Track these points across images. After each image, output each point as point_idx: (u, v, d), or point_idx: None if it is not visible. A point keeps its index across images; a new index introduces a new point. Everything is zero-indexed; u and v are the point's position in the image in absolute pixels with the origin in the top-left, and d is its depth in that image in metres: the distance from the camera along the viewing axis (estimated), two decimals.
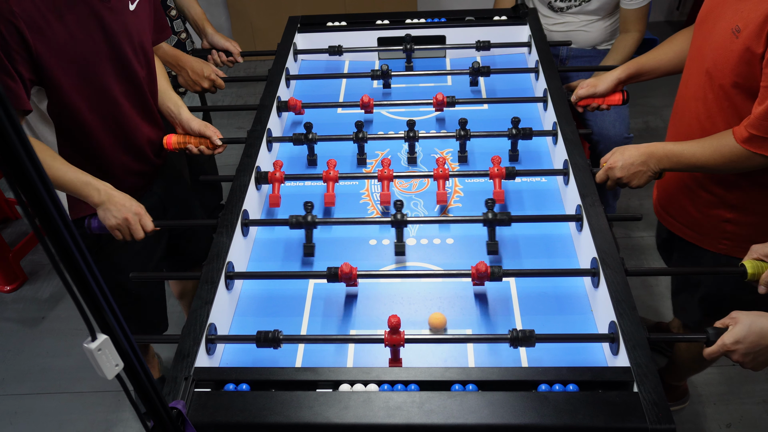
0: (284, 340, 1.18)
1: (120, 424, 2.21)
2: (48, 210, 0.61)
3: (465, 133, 1.65)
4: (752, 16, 1.28)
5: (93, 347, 0.71)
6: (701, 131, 1.49)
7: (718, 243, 1.58)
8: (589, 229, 1.33)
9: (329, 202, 1.52)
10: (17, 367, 2.42)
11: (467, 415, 1.00)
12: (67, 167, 1.45)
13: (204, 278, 1.27)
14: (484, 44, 2.01)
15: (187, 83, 1.99)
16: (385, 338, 1.15)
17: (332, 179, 1.53)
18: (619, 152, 1.47)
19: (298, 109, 1.81)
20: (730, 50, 1.34)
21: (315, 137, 1.67)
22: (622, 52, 2.24)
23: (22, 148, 0.56)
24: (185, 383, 1.07)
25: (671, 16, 4.38)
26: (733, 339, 1.10)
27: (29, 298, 2.72)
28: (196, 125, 1.68)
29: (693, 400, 2.14)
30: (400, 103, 1.88)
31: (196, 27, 2.18)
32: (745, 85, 1.35)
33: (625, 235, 2.80)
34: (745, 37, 1.30)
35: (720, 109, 1.43)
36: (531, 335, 1.14)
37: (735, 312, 1.13)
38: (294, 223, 1.40)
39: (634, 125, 3.40)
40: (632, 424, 0.99)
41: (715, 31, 1.40)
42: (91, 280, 0.68)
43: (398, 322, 1.12)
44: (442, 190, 1.52)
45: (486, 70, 1.89)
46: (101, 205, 1.46)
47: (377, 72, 1.92)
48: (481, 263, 1.25)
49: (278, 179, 1.54)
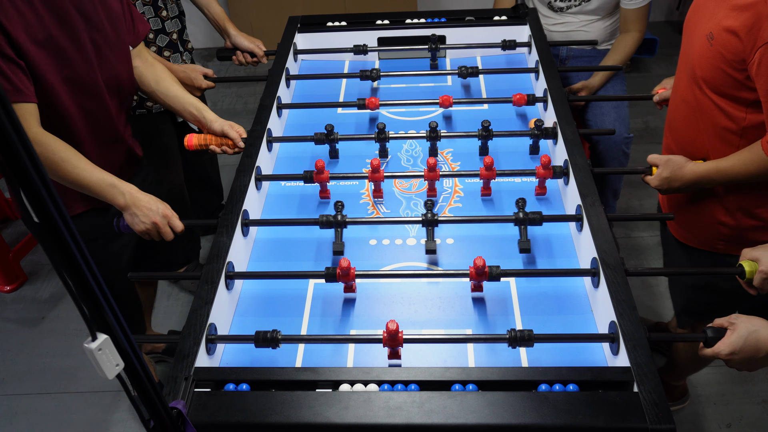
0: (283, 340, 1.18)
1: (120, 424, 2.21)
2: (48, 210, 0.61)
3: (487, 133, 1.66)
4: (724, 24, 1.31)
5: (93, 347, 0.71)
6: (689, 134, 1.53)
7: (716, 244, 1.60)
8: (589, 229, 1.33)
9: (378, 197, 1.58)
10: (17, 367, 2.42)
11: (467, 415, 1.00)
12: (93, 168, 1.43)
13: (204, 278, 1.27)
14: (510, 43, 2.02)
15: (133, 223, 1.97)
16: (384, 339, 1.15)
17: (325, 179, 1.55)
18: (671, 169, 1.49)
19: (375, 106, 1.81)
20: (707, 56, 1.37)
21: (336, 137, 1.68)
22: (622, 52, 2.24)
23: (22, 148, 0.56)
24: (185, 383, 1.07)
25: (671, 16, 4.38)
26: (729, 350, 1.11)
27: (29, 298, 2.72)
28: (219, 126, 1.67)
29: (693, 400, 2.14)
30: (406, 103, 1.89)
31: (217, 27, 2.18)
32: (722, 90, 1.38)
33: (625, 235, 2.80)
34: (718, 44, 1.33)
35: (702, 112, 1.46)
36: (530, 336, 1.14)
37: (735, 316, 1.14)
38: (324, 222, 1.41)
39: (634, 125, 3.40)
40: (632, 424, 0.99)
41: (695, 35, 1.43)
42: (92, 280, 0.68)
43: (396, 328, 1.13)
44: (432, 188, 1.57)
45: (475, 71, 1.89)
46: (127, 209, 1.45)
47: (377, 72, 1.92)
48: (478, 258, 1.25)
49: (324, 179, 1.55)
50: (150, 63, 1.69)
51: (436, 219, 1.39)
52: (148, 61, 1.69)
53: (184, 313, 2.54)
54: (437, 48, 2.02)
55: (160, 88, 1.69)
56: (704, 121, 1.47)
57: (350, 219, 1.43)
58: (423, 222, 1.40)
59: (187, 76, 1.98)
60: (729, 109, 1.39)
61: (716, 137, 1.45)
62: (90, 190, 1.44)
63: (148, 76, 1.68)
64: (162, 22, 2.10)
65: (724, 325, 1.14)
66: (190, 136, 1.69)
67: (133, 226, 1.45)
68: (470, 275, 1.27)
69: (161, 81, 1.68)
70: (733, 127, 1.41)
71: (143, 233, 1.46)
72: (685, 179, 1.48)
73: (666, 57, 3.78)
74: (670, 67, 2.08)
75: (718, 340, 1.13)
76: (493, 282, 1.30)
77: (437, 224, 1.40)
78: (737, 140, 1.42)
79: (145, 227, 1.44)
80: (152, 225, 1.44)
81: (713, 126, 1.44)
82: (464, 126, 1.83)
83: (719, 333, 1.13)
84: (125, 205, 1.44)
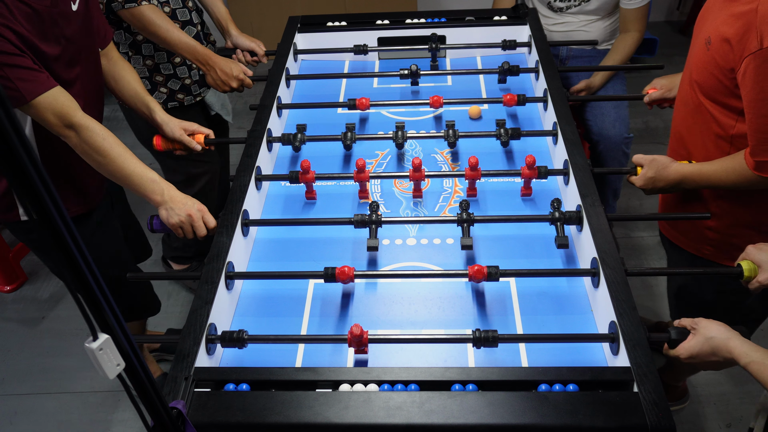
0: (277, 340, 1.19)
1: (120, 424, 2.21)
2: (48, 210, 0.61)
3: (505, 132, 1.66)
4: (720, 31, 1.31)
5: (94, 347, 0.71)
6: (682, 136, 1.54)
7: (702, 248, 1.61)
8: (589, 229, 1.33)
9: (364, 198, 1.59)
10: (17, 367, 2.42)
11: (467, 415, 1.00)
12: (137, 161, 1.46)
13: (204, 278, 1.27)
14: (510, 43, 2.01)
15: (216, 83, 1.98)
16: (349, 340, 1.17)
17: (310, 179, 1.55)
18: (656, 169, 1.49)
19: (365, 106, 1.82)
20: (702, 61, 1.38)
21: (354, 137, 1.69)
22: (622, 51, 2.24)
23: (22, 148, 0.56)
24: (185, 383, 1.07)
25: (671, 16, 4.38)
26: (686, 354, 1.13)
27: (29, 298, 2.72)
28: (170, 132, 1.68)
29: (693, 400, 2.14)
30: (410, 103, 1.89)
31: (220, 27, 2.17)
32: (714, 96, 1.39)
33: (625, 235, 2.80)
34: (713, 50, 1.34)
35: (698, 115, 1.47)
36: (495, 336, 1.15)
37: (698, 319, 1.15)
38: (359, 221, 1.41)
39: (634, 125, 3.40)
40: (632, 424, 0.99)
41: (698, 40, 1.44)
42: (92, 280, 0.68)
43: (360, 331, 1.15)
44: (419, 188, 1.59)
45: (516, 69, 1.89)
46: (163, 204, 1.46)
47: (379, 72, 1.92)
48: (475, 265, 1.25)
49: (310, 179, 1.55)
50: (114, 61, 1.70)
51: (472, 218, 1.40)
52: (113, 60, 1.69)
53: (184, 313, 2.54)
54: (438, 48, 2.02)
55: (118, 86, 1.70)
56: (699, 124, 1.47)
57: (386, 219, 1.43)
58: (458, 221, 1.40)
59: (227, 67, 1.96)
60: (719, 116, 1.40)
61: (710, 142, 1.46)
62: (130, 181, 1.46)
63: (109, 73, 1.69)
64: (189, 13, 2.09)
65: (688, 327, 1.15)
66: (157, 137, 1.71)
67: (168, 219, 1.47)
68: (469, 277, 1.27)
69: (120, 78, 1.70)
70: (723, 134, 1.42)
71: (176, 227, 1.47)
72: (670, 179, 1.48)
73: (666, 57, 3.77)
74: (670, 67, 2.07)
75: (680, 341, 1.14)
76: (492, 281, 1.30)
77: (473, 223, 1.40)
78: (727, 147, 1.42)
79: (179, 219, 1.46)
80: (186, 217, 1.45)
81: (707, 130, 1.45)
82: (464, 126, 1.83)
83: (682, 335, 1.15)
84: (162, 200, 1.46)
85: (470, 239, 1.38)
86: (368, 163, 1.72)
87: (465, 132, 1.70)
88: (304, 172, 1.54)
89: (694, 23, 1.53)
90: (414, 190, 1.59)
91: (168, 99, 2.11)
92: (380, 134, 1.74)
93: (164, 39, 1.87)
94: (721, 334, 1.10)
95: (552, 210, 1.41)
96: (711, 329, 1.11)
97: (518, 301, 1.32)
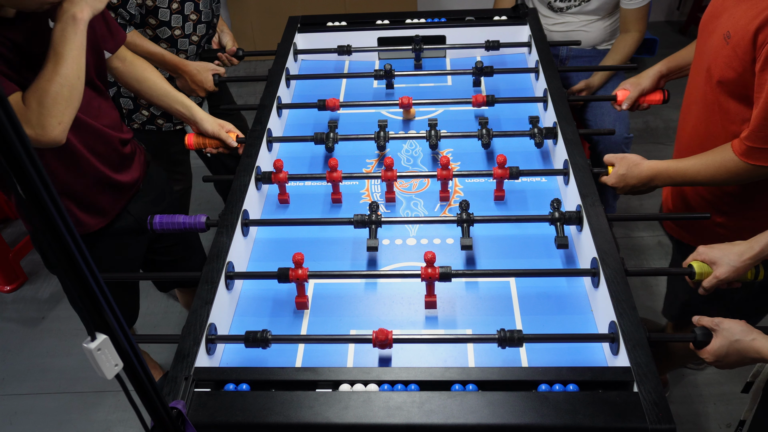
0: (277, 340, 1.19)
1: (120, 424, 2.21)
2: (47, 210, 0.61)
3: (487, 132, 1.66)
4: (741, 23, 1.30)
5: (92, 347, 0.71)
6: (698, 135, 1.51)
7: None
8: (589, 229, 1.33)
9: (336, 200, 1.58)
10: (17, 367, 2.42)
11: (467, 415, 1.00)
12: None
13: (204, 278, 1.27)
14: (493, 44, 2.01)
15: (185, 89, 1.98)
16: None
17: (336, 179, 1.54)
18: (627, 166, 1.49)
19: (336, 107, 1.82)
20: (722, 55, 1.36)
21: (337, 137, 1.68)
22: (622, 52, 2.24)
23: (22, 148, 0.56)
24: (185, 383, 1.07)
25: (671, 16, 4.38)
26: (713, 358, 1.13)
27: (29, 298, 2.72)
28: (210, 127, 1.67)
29: (693, 400, 2.14)
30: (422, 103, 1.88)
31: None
32: (735, 90, 1.37)
33: (625, 235, 2.80)
34: (734, 43, 1.32)
35: (713, 113, 1.45)
36: (521, 336, 1.14)
37: (719, 319, 1.15)
38: (359, 222, 1.41)
39: (634, 125, 3.40)
40: (632, 424, 0.99)
41: (713, 36, 1.43)
42: (91, 280, 0.68)
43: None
44: (445, 190, 1.56)
45: (489, 70, 1.89)
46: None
47: (380, 72, 1.92)
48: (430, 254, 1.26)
49: (282, 179, 1.54)
50: (130, 62, 1.64)
51: (472, 219, 1.40)
52: (128, 60, 1.64)
53: (184, 313, 2.54)
54: (421, 49, 2.03)
55: (143, 87, 1.66)
56: (714, 124, 1.45)
57: (385, 219, 1.43)
58: (458, 221, 1.40)
59: (198, 73, 1.97)
60: (740, 112, 1.38)
61: (726, 141, 1.44)
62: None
63: (130, 75, 1.64)
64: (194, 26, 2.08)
65: (708, 327, 1.15)
66: (189, 136, 1.70)
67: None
68: (422, 275, 1.27)
69: (144, 80, 1.65)
70: (740, 132, 1.40)
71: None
72: (642, 176, 1.47)
73: (666, 57, 3.77)
74: None
75: (706, 343, 1.15)
76: (492, 280, 1.30)
77: (473, 223, 1.41)
78: None
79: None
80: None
81: (723, 129, 1.43)
82: (465, 126, 1.83)
83: (708, 336, 1.15)
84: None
85: (470, 239, 1.38)
86: (368, 164, 1.72)
87: (448, 133, 1.70)
88: (332, 170, 1.53)
89: (699, 22, 1.52)
90: (387, 191, 1.57)
91: (147, 122, 2.11)
92: (362, 135, 1.72)
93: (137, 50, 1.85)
94: (745, 336, 1.10)
95: (552, 210, 1.41)
96: (734, 331, 1.11)
97: (518, 301, 1.32)
